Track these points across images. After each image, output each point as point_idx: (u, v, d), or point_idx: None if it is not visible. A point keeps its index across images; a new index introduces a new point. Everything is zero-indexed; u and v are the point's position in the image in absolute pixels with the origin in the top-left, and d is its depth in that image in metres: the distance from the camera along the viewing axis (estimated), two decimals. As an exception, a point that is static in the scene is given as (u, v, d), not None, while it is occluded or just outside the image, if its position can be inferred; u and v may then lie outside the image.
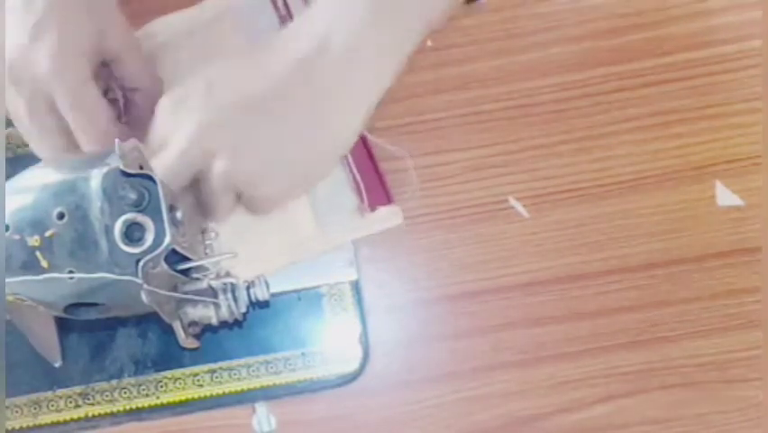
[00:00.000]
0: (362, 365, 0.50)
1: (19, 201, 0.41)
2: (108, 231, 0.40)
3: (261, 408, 0.50)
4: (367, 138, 0.51)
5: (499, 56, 0.52)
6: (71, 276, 0.40)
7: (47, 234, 0.40)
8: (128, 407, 0.49)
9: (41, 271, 0.40)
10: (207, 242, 0.48)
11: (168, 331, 0.43)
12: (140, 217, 0.40)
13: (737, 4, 0.53)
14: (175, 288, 0.43)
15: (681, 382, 0.50)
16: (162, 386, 0.49)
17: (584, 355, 0.50)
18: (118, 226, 0.40)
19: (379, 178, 0.51)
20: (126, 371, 0.50)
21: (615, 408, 0.50)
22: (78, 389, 0.49)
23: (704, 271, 0.51)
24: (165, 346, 0.50)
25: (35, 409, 0.49)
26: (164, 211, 0.40)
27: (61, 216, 0.40)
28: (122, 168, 0.40)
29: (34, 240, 0.40)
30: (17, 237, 0.40)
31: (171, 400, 0.49)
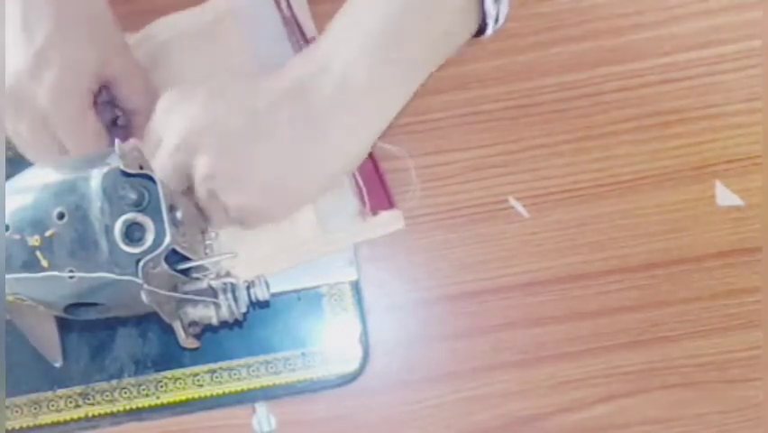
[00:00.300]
0: (362, 365, 0.50)
1: (19, 201, 0.41)
2: (108, 231, 0.40)
3: (261, 408, 0.50)
4: None
5: (499, 56, 0.52)
6: (71, 276, 0.40)
7: (47, 233, 0.40)
8: (128, 407, 0.49)
9: (42, 270, 0.40)
10: (207, 242, 0.48)
11: (168, 331, 0.43)
12: (140, 217, 0.40)
13: (737, 4, 0.53)
14: (175, 288, 0.43)
15: (682, 382, 0.50)
16: (162, 386, 0.49)
17: (585, 355, 0.50)
18: (118, 226, 0.40)
19: (381, 182, 0.51)
20: (126, 371, 0.50)
21: (615, 408, 0.50)
22: (79, 389, 0.49)
23: (704, 271, 0.51)
24: (165, 346, 0.50)
25: (35, 409, 0.49)
26: (164, 211, 0.40)
27: (61, 216, 0.40)
28: (122, 168, 0.40)
29: (34, 240, 0.40)
30: (17, 237, 0.40)
31: (171, 400, 0.49)
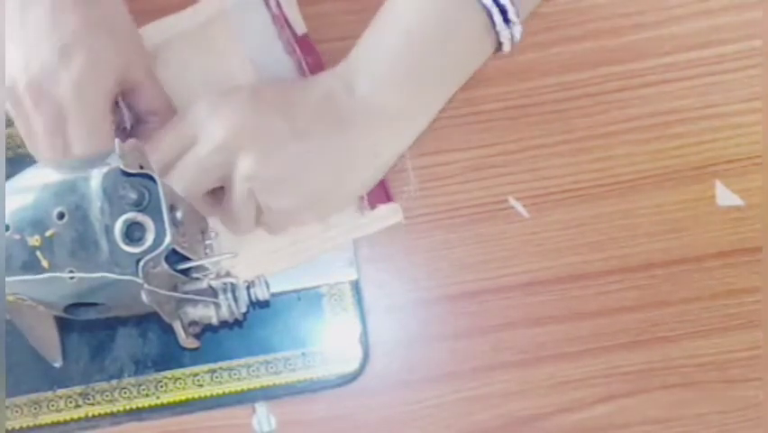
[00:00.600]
0: (362, 365, 0.50)
1: (19, 201, 0.41)
2: (108, 231, 0.40)
3: (261, 408, 0.50)
4: None
5: (499, 56, 0.52)
6: (72, 276, 0.40)
7: (47, 233, 0.40)
8: (128, 407, 0.49)
9: (42, 270, 0.40)
10: (207, 242, 0.48)
11: (168, 331, 0.43)
12: (140, 217, 0.40)
13: (737, 4, 0.53)
14: (175, 288, 0.43)
15: (682, 382, 0.50)
16: (162, 386, 0.49)
17: (584, 355, 0.50)
18: (118, 226, 0.40)
19: None
20: (126, 371, 0.50)
21: (615, 408, 0.50)
22: (79, 389, 0.49)
23: (704, 271, 0.51)
24: (165, 346, 0.50)
25: (35, 409, 0.49)
26: (164, 211, 0.40)
27: (62, 216, 0.40)
28: (122, 167, 0.40)
29: (35, 240, 0.40)
30: (17, 237, 0.40)
31: (171, 400, 0.49)
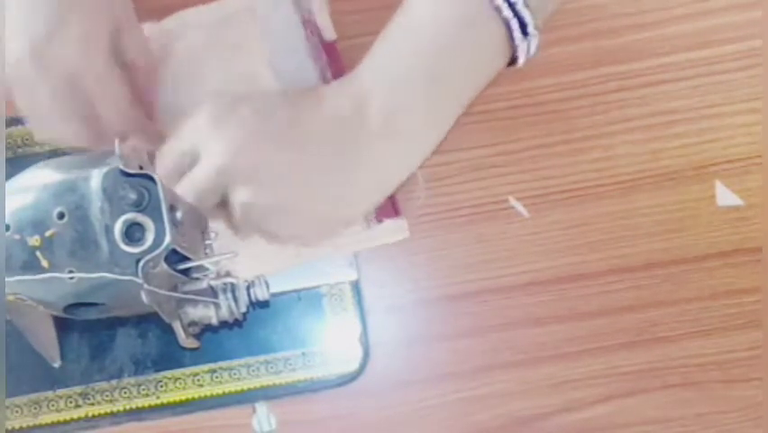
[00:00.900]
0: (362, 365, 0.50)
1: (19, 201, 0.41)
2: (108, 231, 0.40)
3: (261, 408, 0.50)
4: None
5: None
6: (71, 276, 0.40)
7: (47, 233, 0.40)
8: (128, 407, 0.49)
9: (42, 270, 0.40)
10: (207, 242, 0.48)
11: (168, 331, 0.43)
12: (140, 217, 0.40)
13: (737, 4, 0.53)
14: (175, 288, 0.43)
15: (682, 382, 0.50)
16: (162, 386, 0.49)
17: (584, 355, 0.50)
18: (118, 226, 0.40)
19: None
20: (126, 371, 0.50)
21: (615, 408, 0.50)
22: (78, 389, 0.49)
23: (704, 271, 0.51)
24: (165, 346, 0.50)
25: (35, 409, 0.49)
26: (164, 211, 0.40)
27: (61, 216, 0.40)
28: (122, 167, 0.40)
29: (34, 240, 0.40)
30: (17, 237, 0.40)
31: (171, 400, 0.49)
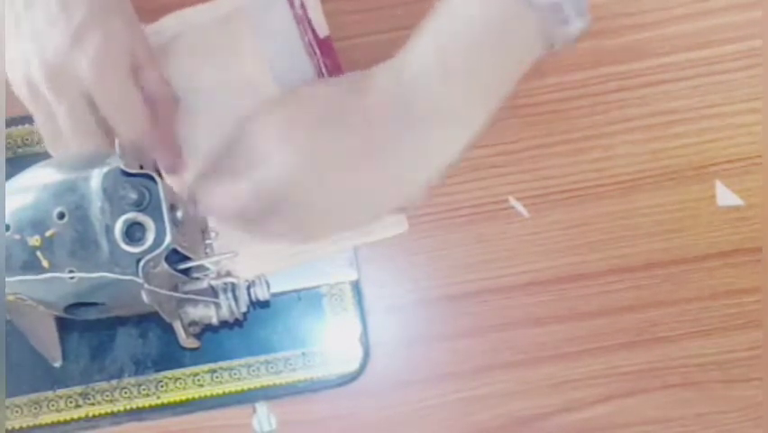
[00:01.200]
0: (362, 365, 0.50)
1: (19, 201, 0.41)
2: (109, 231, 0.40)
3: (261, 408, 0.50)
4: None
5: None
6: (72, 276, 0.40)
7: (47, 233, 0.40)
8: (128, 407, 0.49)
9: (42, 270, 0.40)
10: (207, 242, 0.48)
11: (168, 331, 0.43)
12: (140, 217, 0.40)
13: (737, 4, 0.53)
14: (175, 287, 0.43)
15: (682, 382, 0.50)
16: (162, 386, 0.49)
17: (584, 355, 0.50)
18: (119, 226, 0.40)
19: None
20: (126, 371, 0.50)
21: (615, 408, 0.50)
22: (79, 389, 0.49)
23: (704, 271, 0.51)
24: (165, 346, 0.50)
25: (35, 408, 0.49)
26: (165, 211, 0.40)
27: (62, 216, 0.40)
28: (122, 167, 0.40)
29: (35, 240, 0.40)
30: (18, 237, 0.40)
31: (172, 399, 0.49)
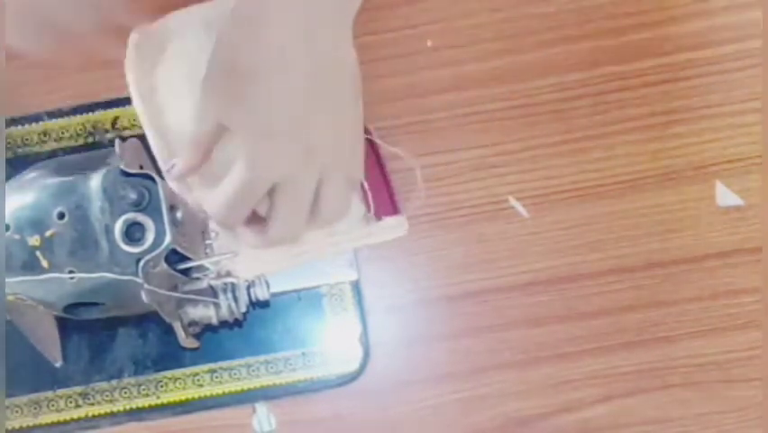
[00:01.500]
0: (362, 365, 0.50)
1: (19, 201, 0.41)
2: (108, 231, 0.40)
3: (261, 408, 0.50)
4: (378, 147, 0.51)
5: (499, 56, 0.52)
6: (72, 276, 0.40)
7: (47, 233, 0.40)
8: (128, 407, 0.49)
9: (42, 270, 0.40)
10: (207, 242, 0.48)
11: (168, 331, 0.43)
12: (140, 217, 0.40)
13: (737, 4, 0.53)
14: (175, 287, 0.43)
15: (682, 382, 0.50)
16: (162, 386, 0.49)
17: (584, 355, 0.50)
18: (118, 226, 0.40)
19: (387, 187, 0.51)
20: (126, 371, 0.50)
21: (615, 408, 0.50)
22: (79, 389, 0.49)
23: (704, 271, 0.51)
24: (165, 346, 0.50)
25: (35, 408, 0.49)
26: (164, 211, 0.40)
27: (62, 216, 0.40)
28: (122, 167, 0.40)
29: (35, 240, 0.40)
30: (17, 237, 0.40)
31: (171, 399, 0.49)
